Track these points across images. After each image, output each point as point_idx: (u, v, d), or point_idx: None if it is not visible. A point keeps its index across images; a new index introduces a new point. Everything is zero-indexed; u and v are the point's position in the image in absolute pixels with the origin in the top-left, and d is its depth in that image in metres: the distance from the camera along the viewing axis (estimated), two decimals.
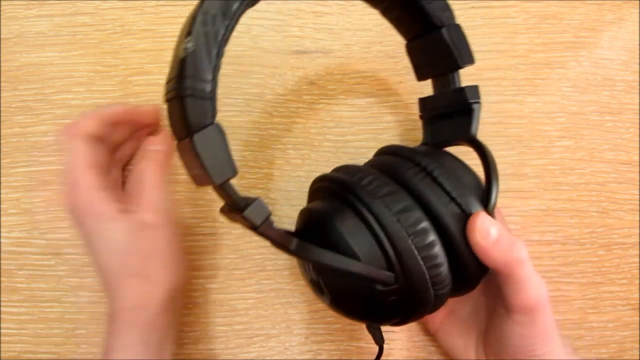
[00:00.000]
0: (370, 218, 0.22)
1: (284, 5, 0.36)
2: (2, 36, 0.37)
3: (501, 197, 0.35)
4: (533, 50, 0.37)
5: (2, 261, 0.34)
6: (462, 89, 0.27)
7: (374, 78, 0.36)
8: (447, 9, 0.27)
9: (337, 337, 0.33)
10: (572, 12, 0.38)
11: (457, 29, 0.27)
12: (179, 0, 0.37)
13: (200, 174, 0.20)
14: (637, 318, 0.34)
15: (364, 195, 0.22)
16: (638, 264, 0.34)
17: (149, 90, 0.35)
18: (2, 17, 0.37)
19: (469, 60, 0.27)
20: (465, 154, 0.27)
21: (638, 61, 0.37)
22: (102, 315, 0.33)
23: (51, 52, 0.36)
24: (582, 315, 0.34)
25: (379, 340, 0.26)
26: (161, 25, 0.37)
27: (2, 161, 0.35)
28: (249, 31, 0.36)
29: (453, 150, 0.28)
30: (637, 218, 0.35)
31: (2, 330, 0.33)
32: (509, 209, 0.35)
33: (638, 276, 0.34)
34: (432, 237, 0.22)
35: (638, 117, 0.36)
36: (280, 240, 0.22)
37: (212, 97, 0.20)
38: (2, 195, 0.35)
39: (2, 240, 0.34)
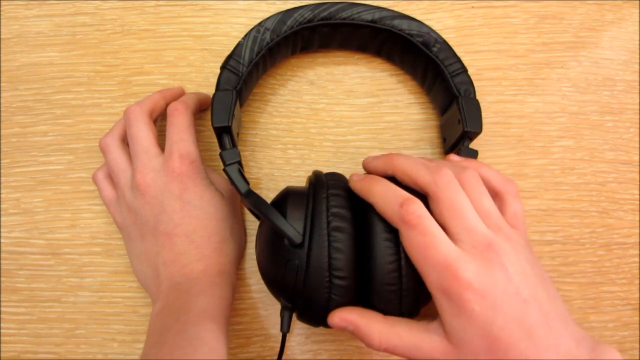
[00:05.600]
0: (310, 201, 0.26)
1: (285, 6, 0.36)
2: (2, 36, 0.37)
3: None
4: (533, 50, 0.37)
5: (2, 261, 0.34)
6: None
7: (374, 78, 0.36)
8: (468, 83, 0.31)
9: (337, 337, 0.33)
10: (572, 12, 0.38)
11: (472, 100, 0.31)
12: (179, 0, 0.37)
13: (211, 118, 0.28)
14: (637, 318, 0.34)
15: (320, 190, 0.26)
16: (638, 264, 0.34)
17: (149, 90, 0.35)
18: (2, 17, 0.37)
19: (476, 127, 0.30)
20: None
21: (638, 61, 0.37)
22: (102, 315, 0.33)
23: (51, 52, 0.36)
24: (582, 315, 0.34)
25: (284, 327, 0.27)
26: (161, 25, 0.37)
27: (2, 161, 0.35)
28: None
29: None
30: (637, 218, 0.35)
31: (2, 330, 0.33)
32: None
33: (638, 276, 0.34)
34: (346, 226, 0.25)
35: (638, 117, 0.36)
36: (237, 183, 0.27)
37: (241, 74, 0.30)
38: (2, 195, 0.35)
39: (2, 240, 0.34)
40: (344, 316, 0.25)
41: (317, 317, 0.26)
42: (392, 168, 0.26)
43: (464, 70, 0.32)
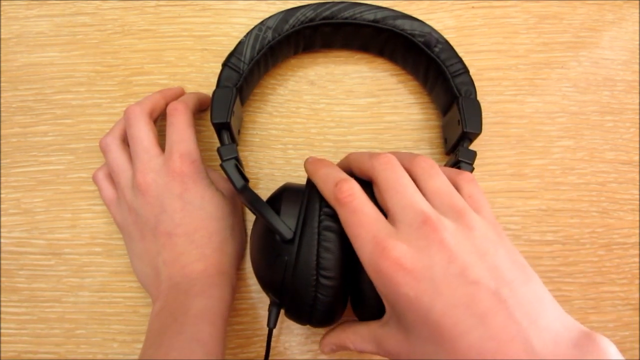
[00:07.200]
0: (305, 199, 0.26)
1: (285, 6, 0.36)
2: (2, 36, 0.37)
3: (502, 197, 0.35)
4: (533, 50, 0.37)
5: (2, 261, 0.34)
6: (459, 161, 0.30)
7: (374, 78, 0.36)
8: (469, 84, 0.31)
9: None
10: (572, 12, 0.38)
11: (472, 101, 0.31)
12: (179, 0, 0.37)
13: (210, 114, 0.29)
14: (637, 318, 0.34)
15: (315, 189, 0.26)
16: (638, 264, 0.34)
17: (150, 90, 0.35)
18: (2, 17, 0.37)
19: (475, 128, 0.30)
20: None
21: (638, 61, 0.37)
22: (102, 315, 0.33)
23: (52, 52, 0.36)
24: (583, 315, 0.34)
25: (271, 322, 0.28)
26: (161, 25, 0.37)
27: (2, 161, 0.35)
28: None
29: None
30: (638, 218, 0.35)
31: (2, 330, 0.33)
32: (510, 209, 0.35)
33: (638, 276, 0.34)
34: (337, 226, 0.24)
35: (638, 117, 0.36)
36: (233, 178, 0.27)
37: (242, 72, 0.30)
38: (2, 195, 0.35)
39: (2, 240, 0.34)
40: (327, 342, 0.26)
41: (303, 315, 0.25)
42: (348, 164, 0.27)
43: (465, 70, 0.32)
